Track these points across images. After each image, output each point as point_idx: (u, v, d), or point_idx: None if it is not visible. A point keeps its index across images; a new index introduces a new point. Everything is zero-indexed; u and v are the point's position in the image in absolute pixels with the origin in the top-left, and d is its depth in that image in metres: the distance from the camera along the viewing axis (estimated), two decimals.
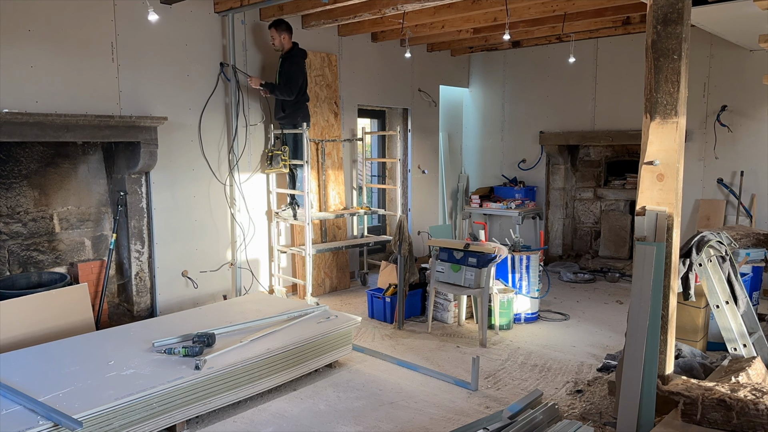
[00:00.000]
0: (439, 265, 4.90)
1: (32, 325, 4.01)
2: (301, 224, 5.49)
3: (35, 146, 4.34)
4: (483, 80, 8.06)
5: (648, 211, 3.09)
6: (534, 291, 5.18)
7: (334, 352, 4.08)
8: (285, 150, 5.45)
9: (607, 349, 4.50)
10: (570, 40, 6.74)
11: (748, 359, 3.47)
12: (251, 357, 3.50)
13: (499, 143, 7.98)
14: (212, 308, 4.54)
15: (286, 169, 5.52)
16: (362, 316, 5.20)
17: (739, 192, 6.21)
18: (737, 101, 6.18)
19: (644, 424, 2.94)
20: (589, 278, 6.62)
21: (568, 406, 3.53)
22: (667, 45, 3.00)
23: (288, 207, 5.62)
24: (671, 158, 3.02)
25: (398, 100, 7.15)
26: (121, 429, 2.92)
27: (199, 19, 5.04)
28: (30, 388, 2.97)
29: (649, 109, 3.06)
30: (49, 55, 4.16)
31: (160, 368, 3.28)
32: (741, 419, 2.77)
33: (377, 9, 4.97)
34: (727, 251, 3.73)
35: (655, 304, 3.01)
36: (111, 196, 4.76)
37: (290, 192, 5.67)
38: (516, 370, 4.12)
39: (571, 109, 7.32)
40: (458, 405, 3.59)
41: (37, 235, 4.42)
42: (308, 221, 5.29)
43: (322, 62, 6.08)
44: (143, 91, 4.70)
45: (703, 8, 4.00)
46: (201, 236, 5.18)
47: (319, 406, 3.58)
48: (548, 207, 7.69)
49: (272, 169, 5.54)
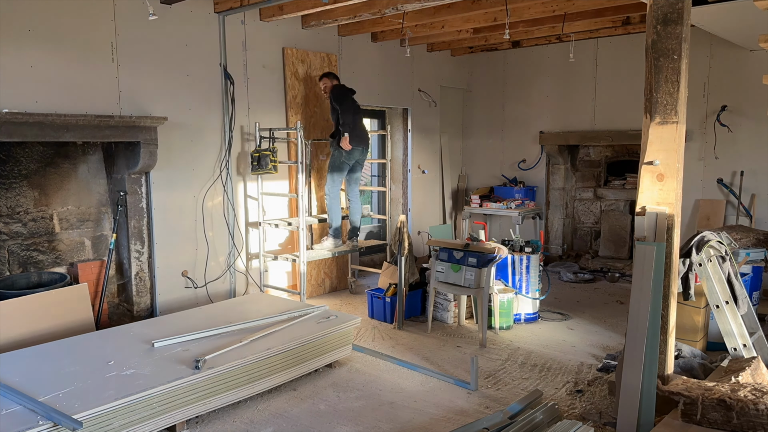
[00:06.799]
0: (439, 265, 4.90)
1: (32, 325, 4.00)
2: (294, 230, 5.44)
3: (35, 146, 4.34)
4: (483, 80, 8.05)
5: (648, 211, 3.09)
6: (534, 291, 5.18)
7: (334, 352, 4.07)
8: (275, 150, 5.25)
9: (607, 349, 4.50)
10: (570, 40, 6.74)
11: (748, 359, 3.47)
12: (251, 357, 3.50)
13: (499, 143, 7.98)
14: (212, 308, 4.54)
15: (276, 171, 5.26)
16: (362, 316, 5.21)
17: (739, 192, 6.21)
18: (737, 101, 6.18)
19: (644, 424, 2.94)
20: (589, 278, 6.62)
21: (568, 406, 3.53)
22: (667, 45, 3.00)
23: (328, 238, 5.64)
24: (671, 158, 3.02)
25: (398, 100, 7.15)
26: (121, 429, 2.92)
27: (199, 19, 5.04)
28: (30, 388, 2.97)
29: (649, 109, 3.06)
30: (49, 55, 4.16)
31: (160, 368, 3.28)
32: (741, 419, 2.77)
33: (377, 9, 4.97)
34: (727, 251, 3.73)
35: (655, 304, 3.01)
36: (111, 196, 4.76)
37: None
38: (516, 370, 4.12)
39: (571, 109, 7.32)
40: (458, 405, 3.59)
41: (37, 235, 4.42)
42: (302, 226, 5.26)
43: (322, 62, 6.08)
44: (143, 91, 4.70)
45: (703, 8, 4.00)
46: (201, 236, 5.17)
47: (319, 406, 3.58)
48: (548, 207, 7.69)
49: (260, 171, 5.23)
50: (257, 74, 5.52)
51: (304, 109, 5.91)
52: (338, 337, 4.09)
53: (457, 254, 4.82)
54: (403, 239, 5.02)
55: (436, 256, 4.96)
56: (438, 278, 4.91)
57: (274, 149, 5.27)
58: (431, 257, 5.02)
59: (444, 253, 4.90)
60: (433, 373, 4.03)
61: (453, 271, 4.80)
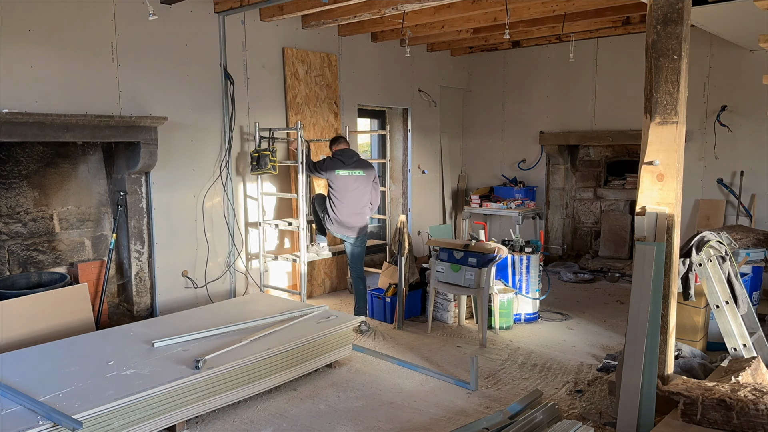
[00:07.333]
0: (439, 265, 4.90)
1: (32, 325, 4.00)
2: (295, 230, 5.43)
3: (35, 146, 4.34)
4: (483, 80, 8.05)
5: (648, 211, 3.09)
6: (534, 291, 5.18)
7: (334, 352, 4.07)
8: (274, 150, 5.19)
9: (607, 349, 4.50)
10: (570, 40, 6.74)
11: (748, 359, 3.47)
12: (251, 357, 3.50)
13: (499, 143, 7.98)
14: (212, 308, 4.54)
15: (275, 171, 5.21)
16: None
17: (739, 192, 6.21)
18: (737, 101, 6.18)
19: (644, 424, 2.94)
20: (589, 278, 6.62)
21: (568, 406, 3.53)
22: (667, 45, 3.00)
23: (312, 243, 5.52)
24: (671, 158, 3.02)
25: (398, 100, 7.15)
26: (121, 429, 2.92)
27: (199, 19, 5.03)
28: (30, 388, 2.97)
29: (649, 109, 3.06)
30: (49, 55, 4.16)
31: (160, 368, 3.28)
32: (741, 419, 2.77)
33: (377, 9, 4.97)
34: (727, 251, 3.73)
35: (655, 304, 3.01)
36: (111, 196, 4.76)
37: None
38: (516, 370, 4.12)
39: (571, 109, 7.32)
40: (458, 405, 3.59)
41: (37, 235, 4.42)
42: (303, 227, 5.26)
43: (322, 62, 6.08)
44: (143, 91, 4.70)
45: (703, 8, 4.00)
46: (201, 236, 5.17)
47: (319, 406, 3.58)
48: (548, 207, 7.69)
49: (259, 171, 5.20)
50: (257, 74, 5.52)
51: (304, 109, 5.91)
52: (338, 337, 4.09)
53: (457, 254, 4.82)
54: (403, 239, 5.02)
55: (436, 256, 4.96)
56: (438, 278, 4.91)
57: (274, 149, 5.24)
58: (431, 257, 5.02)
59: (444, 253, 4.90)
60: (433, 373, 4.03)
61: (453, 271, 4.80)
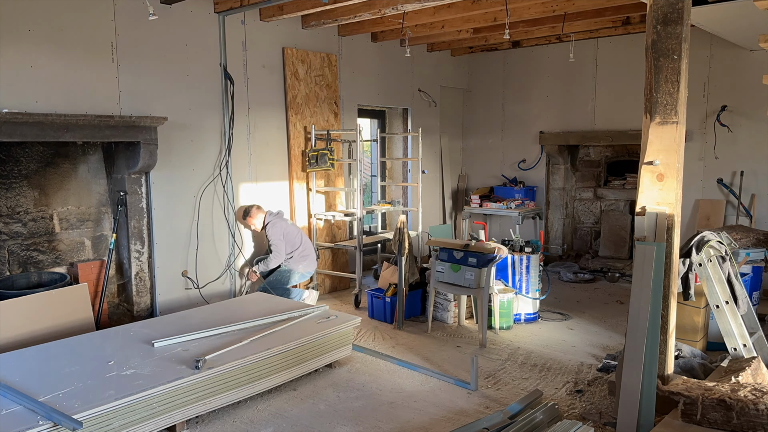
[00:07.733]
0: (439, 265, 4.90)
1: (32, 325, 4.01)
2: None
3: (35, 146, 4.34)
4: (483, 80, 8.05)
5: (648, 211, 3.09)
6: (534, 291, 5.18)
7: (334, 352, 4.07)
8: (332, 149, 5.64)
9: (607, 349, 4.50)
10: (570, 40, 6.74)
11: (748, 359, 3.47)
12: (251, 357, 3.49)
13: (499, 143, 7.98)
14: (212, 308, 4.54)
15: (333, 168, 5.75)
16: (362, 316, 5.20)
17: (739, 192, 6.21)
18: (737, 101, 6.18)
19: (644, 424, 2.94)
20: (589, 278, 6.61)
21: (568, 406, 3.53)
22: (667, 45, 3.00)
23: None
24: (671, 158, 3.02)
25: (398, 100, 7.15)
26: (121, 429, 2.92)
27: (199, 19, 5.04)
28: (30, 388, 2.97)
29: (649, 109, 3.06)
30: (49, 55, 4.16)
31: (160, 368, 3.28)
32: (741, 419, 2.77)
33: (377, 9, 4.97)
34: (727, 251, 3.73)
35: (655, 304, 3.01)
36: (111, 196, 4.76)
37: None
38: (516, 370, 4.12)
39: (571, 109, 7.32)
40: (458, 405, 3.59)
41: (37, 235, 4.42)
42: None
43: (322, 62, 6.08)
44: (143, 91, 4.70)
45: (703, 8, 4.00)
46: (201, 236, 5.17)
47: (319, 406, 3.58)
48: (548, 207, 7.69)
49: (317, 168, 5.74)
50: (257, 74, 5.53)
51: (304, 109, 5.91)
52: (338, 337, 4.09)
53: (457, 254, 4.82)
54: (403, 239, 5.02)
55: (436, 256, 4.96)
56: (438, 278, 4.91)
57: (332, 149, 5.74)
58: (431, 257, 5.02)
59: (444, 253, 4.90)
60: (433, 373, 4.03)
61: (453, 271, 4.80)
